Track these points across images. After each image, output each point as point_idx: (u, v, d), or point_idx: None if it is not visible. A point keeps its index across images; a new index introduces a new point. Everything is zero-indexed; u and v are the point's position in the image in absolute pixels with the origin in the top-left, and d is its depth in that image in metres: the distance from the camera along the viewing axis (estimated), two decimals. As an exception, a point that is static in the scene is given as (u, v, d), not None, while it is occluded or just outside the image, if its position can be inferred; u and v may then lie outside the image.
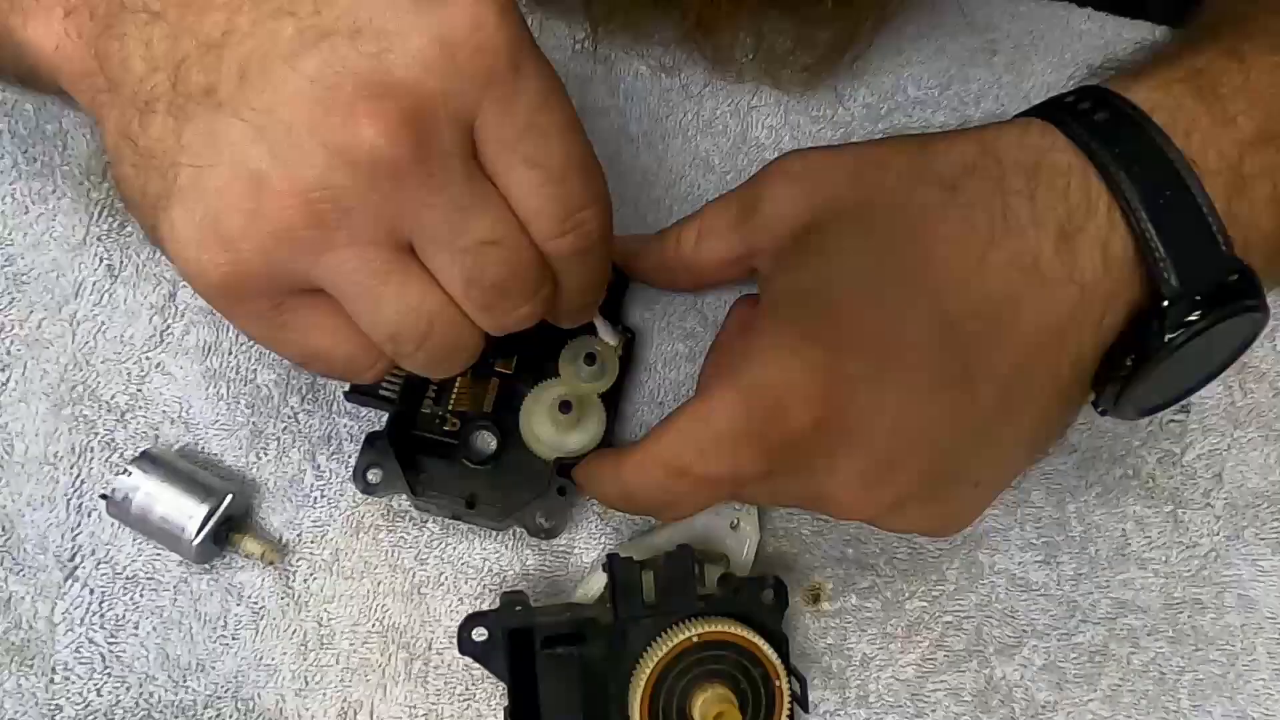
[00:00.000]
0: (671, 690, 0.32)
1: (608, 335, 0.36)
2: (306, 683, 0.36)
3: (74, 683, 0.35)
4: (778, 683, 0.33)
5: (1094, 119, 0.30)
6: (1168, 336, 0.28)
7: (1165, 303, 0.28)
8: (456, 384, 0.38)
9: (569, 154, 0.26)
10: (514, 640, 0.34)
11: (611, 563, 0.34)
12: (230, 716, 0.36)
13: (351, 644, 0.36)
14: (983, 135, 0.31)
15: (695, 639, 0.32)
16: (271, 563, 0.36)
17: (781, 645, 0.33)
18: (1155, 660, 0.38)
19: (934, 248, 0.29)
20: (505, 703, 0.34)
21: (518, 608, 0.34)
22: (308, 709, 0.36)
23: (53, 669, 0.35)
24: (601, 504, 0.37)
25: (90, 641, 0.36)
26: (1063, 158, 0.30)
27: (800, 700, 0.33)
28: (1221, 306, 0.28)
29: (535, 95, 0.25)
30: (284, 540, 0.37)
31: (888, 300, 0.29)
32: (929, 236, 0.30)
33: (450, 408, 0.37)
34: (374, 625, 0.37)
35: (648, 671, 0.32)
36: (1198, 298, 0.28)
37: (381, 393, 0.36)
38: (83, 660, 0.35)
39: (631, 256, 0.37)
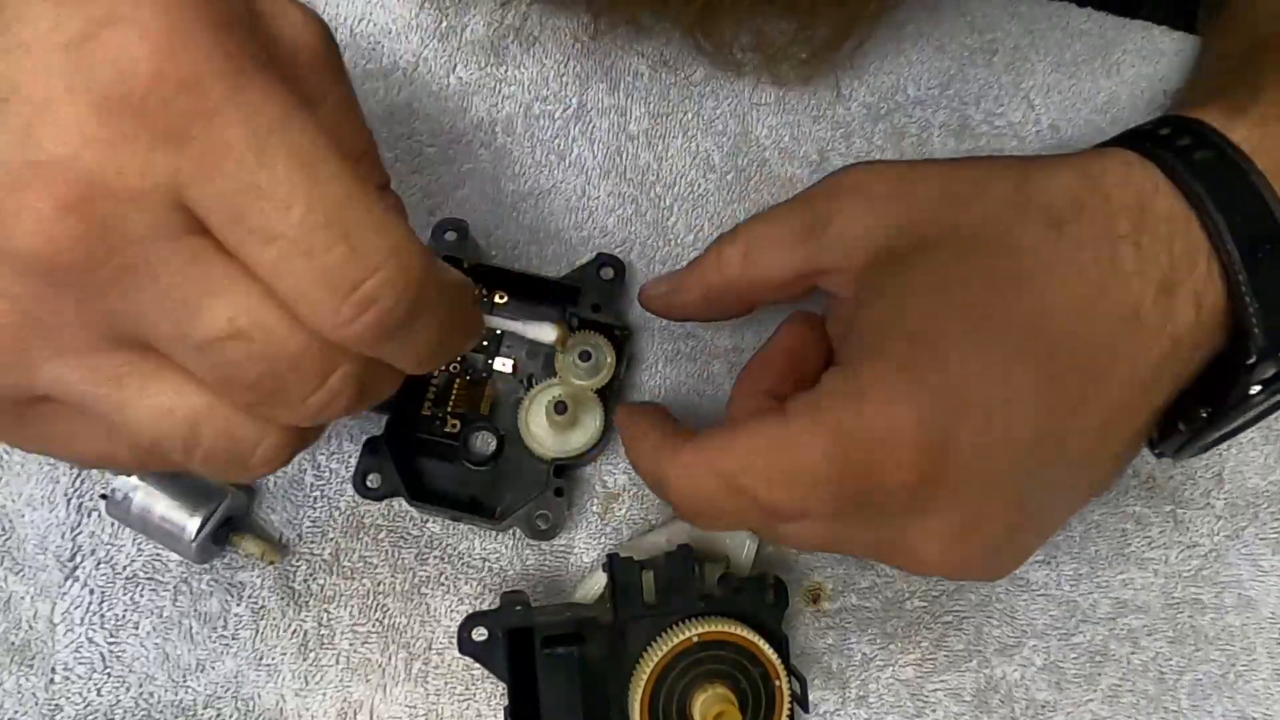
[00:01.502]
0: (671, 690, 0.32)
1: (540, 334, 0.32)
2: (306, 682, 0.36)
3: (74, 683, 0.35)
4: (777, 682, 0.33)
5: (1195, 159, 0.29)
6: (1251, 391, 0.28)
7: (1251, 359, 0.28)
8: (455, 385, 0.38)
9: (317, 212, 0.20)
10: (514, 640, 0.34)
11: (611, 563, 0.34)
12: (230, 716, 0.36)
13: (351, 644, 0.36)
14: (1086, 168, 0.29)
15: (695, 639, 0.32)
16: (271, 562, 0.36)
17: (781, 645, 0.33)
18: (1155, 660, 0.38)
19: (1046, 293, 0.28)
20: (505, 703, 0.34)
21: (518, 608, 0.34)
22: (308, 709, 0.36)
23: (53, 669, 0.35)
24: (627, 460, 0.35)
25: (90, 641, 0.36)
26: (1166, 203, 0.28)
27: (800, 700, 0.33)
28: None
29: (247, 144, 0.19)
30: (284, 540, 0.37)
31: (998, 349, 0.27)
32: (1041, 280, 0.28)
33: (449, 409, 0.37)
34: (374, 625, 0.37)
35: (648, 671, 0.32)
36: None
37: None
38: (83, 660, 0.35)
39: (662, 298, 0.35)
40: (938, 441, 0.26)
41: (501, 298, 0.38)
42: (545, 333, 0.32)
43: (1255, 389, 0.28)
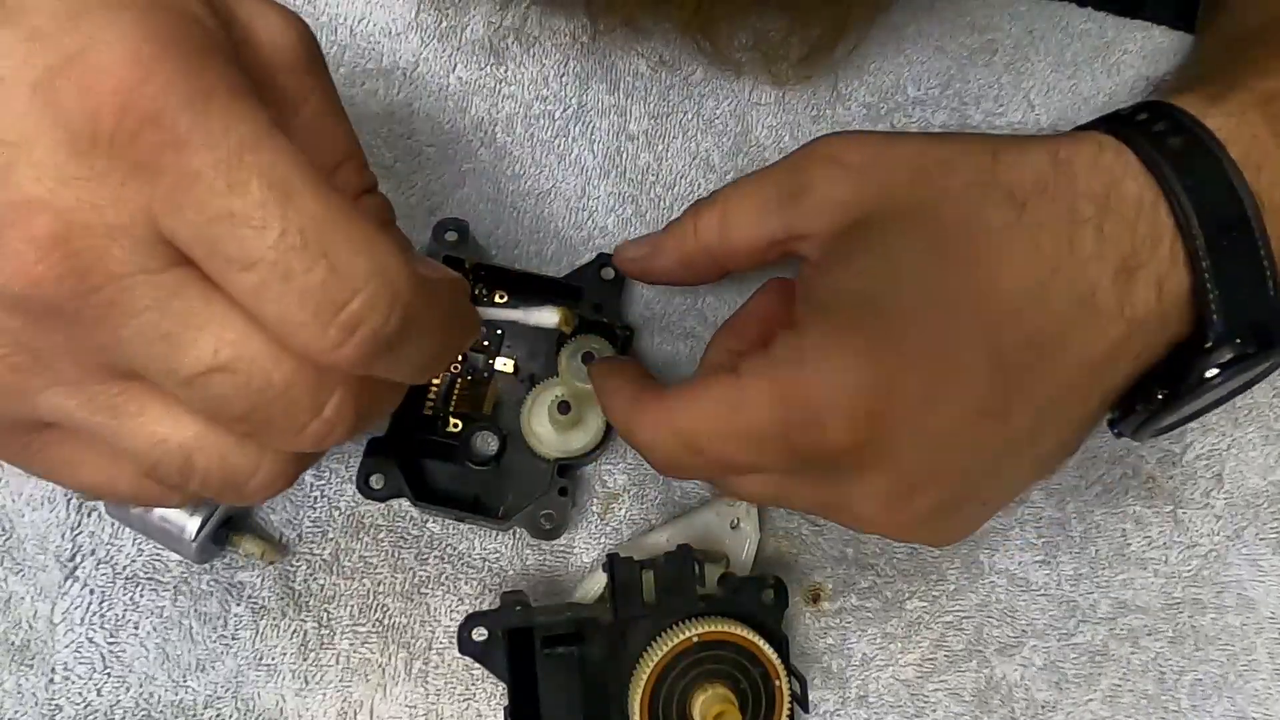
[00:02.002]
0: (671, 690, 0.32)
1: (543, 319, 0.31)
2: (306, 682, 0.36)
3: (74, 683, 0.35)
4: (777, 682, 0.33)
5: (1168, 143, 0.29)
6: (1207, 374, 0.28)
7: (1209, 344, 0.28)
8: (457, 386, 0.38)
9: (293, 233, 0.19)
10: (514, 640, 0.34)
11: (611, 562, 0.34)
12: (230, 716, 0.36)
13: (351, 644, 0.36)
14: (1056, 149, 0.30)
15: (695, 639, 0.32)
16: (271, 562, 0.36)
17: (781, 645, 0.33)
18: (1155, 660, 0.38)
19: (999, 272, 0.28)
20: (505, 703, 0.34)
21: (518, 607, 0.34)
22: (308, 709, 0.36)
23: (53, 669, 0.35)
24: (625, 460, 0.37)
25: (90, 641, 0.36)
26: (1134, 186, 0.29)
27: (800, 700, 0.33)
28: (1262, 350, 0.28)
29: (216, 171, 0.19)
30: (284, 540, 0.37)
31: (949, 323, 0.28)
32: (995, 258, 0.28)
33: (451, 409, 0.37)
34: (374, 625, 0.37)
35: (647, 671, 0.32)
36: (1238, 340, 0.28)
37: None
38: (83, 660, 0.35)
39: (637, 262, 0.36)
40: (875, 408, 0.27)
41: (502, 297, 0.38)
42: (547, 317, 0.30)
43: (1212, 372, 0.28)
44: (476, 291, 0.38)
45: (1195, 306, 0.28)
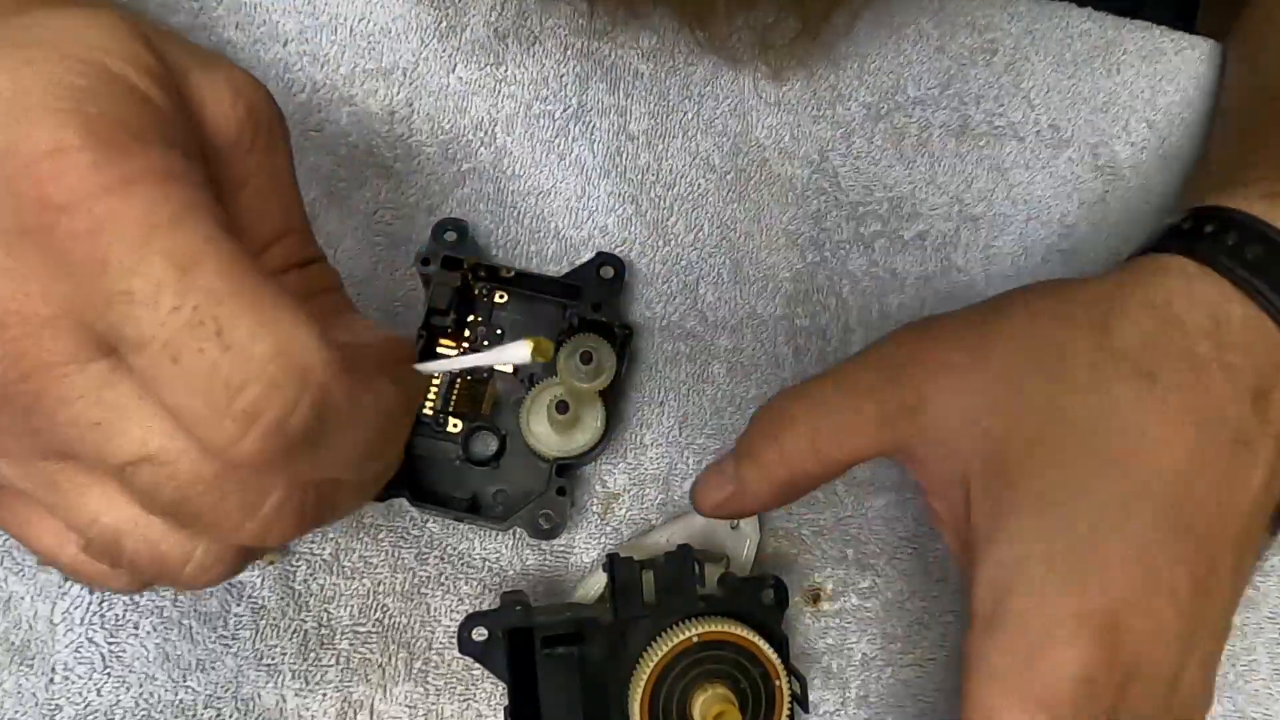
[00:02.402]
0: (671, 690, 0.32)
1: (515, 356, 0.28)
2: (306, 682, 0.36)
3: (74, 683, 0.35)
4: (778, 682, 0.33)
5: (1247, 256, 0.29)
6: None
7: None
8: (456, 386, 0.38)
9: (184, 309, 0.18)
10: (514, 640, 0.34)
11: (611, 563, 0.34)
12: (230, 716, 0.36)
13: (351, 644, 0.36)
14: (1152, 297, 0.29)
15: (695, 639, 0.32)
16: (272, 562, 0.36)
17: (781, 645, 0.33)
18: (1155, 660, 0.38)
19: (1160, 459, 0.28)
20: (505, 703, 0.34)
21: (518, 607, 0.34)
22: (308, 708, 0.36)
23: (53, 669, 0.35)
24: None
25: (90, 641, 0.36)
26: (1238, 310, 0.29)
27: (800, 700, 0.33)
28: None
29: (123, 256, 0.18)
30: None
31: (1150, 543, 0.27)
32: (1150, 448, 0.28)
33: (450, 409, 0.37)
34: (374, 625, 0.37)
35: (647, 672, 0.32)
36: None
37: None
38: (83, 660, 0.35)
39: (724, 507, 0.33)
40: (1129, 667, 0.27)
41: (501, 297, 0.38)
42: (517, 352, 0.28)
43: None
44: (477, 291, 0.38)
45: None
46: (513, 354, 0.27)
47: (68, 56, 0.20)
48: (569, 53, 0.41)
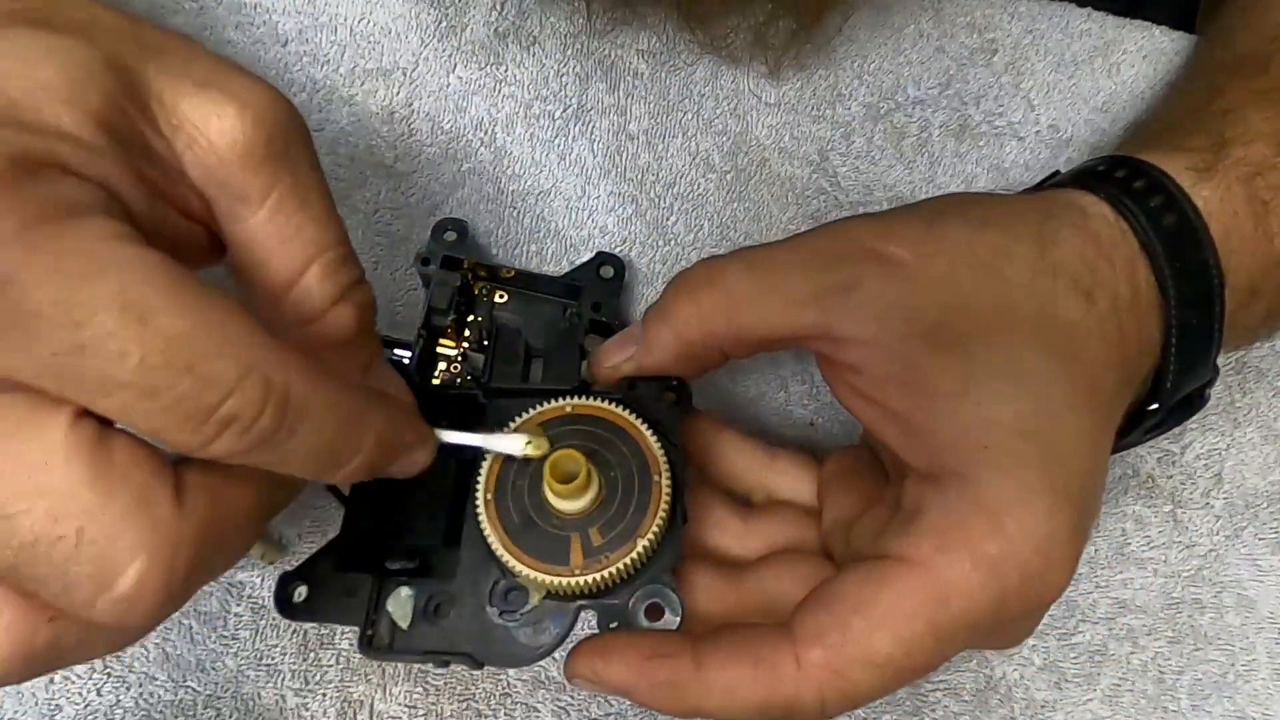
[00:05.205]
0: (527, 463, 0.29)
1: (509, 446, 0.28)
2: (306, 681, 0.36)
3: (74, 683, 0.35)
4: (656, 478, 0.29)
5: (1163, 223, 0.30)
6: (1144, 437, 0.33)
7: (1154, 405, 0.32)
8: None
9: (153, 356, 0.19)
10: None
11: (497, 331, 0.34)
12: (230, 716, 0.36)
13: (351, 643, 0.36)
14: (1086, 226, 0.30)
15: (569, 409, 0.30)
16: (272, 562, 0.36)
17: (679, 458, 0.30)
18: (1155, 660, 0.38)
19: (1098, 365, 0.29)
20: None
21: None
22: (308, 708, 0.36)
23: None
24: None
25: (90, 641, 0.36)
26: (1143, 274, 0.30)
27: (678, 507, 0.30)
28: (1188, 407, 0.33)
29: (56, 305, 0.19)
30: (284, 540, 0.37)
31: (1096, 442, 0.28)
32: (1091, 359, 0.29)
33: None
34: (374, 625, 0.37)
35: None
36: (1170, 411, 0.32)
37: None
38: (83, 659, 0.35)
39: (622, 368, 0.32)
40: (1080, 547, 0.27)
41: (501, 297, 0.38)
42: (512, 444, 0.28)
43: (1147, 435, 0.33)
44: (477, 291, 0.38)
45: (1158, 376, 0.31)
46: (507, 445, 0.29)
47: None
48: (569, 53, 0.41)
